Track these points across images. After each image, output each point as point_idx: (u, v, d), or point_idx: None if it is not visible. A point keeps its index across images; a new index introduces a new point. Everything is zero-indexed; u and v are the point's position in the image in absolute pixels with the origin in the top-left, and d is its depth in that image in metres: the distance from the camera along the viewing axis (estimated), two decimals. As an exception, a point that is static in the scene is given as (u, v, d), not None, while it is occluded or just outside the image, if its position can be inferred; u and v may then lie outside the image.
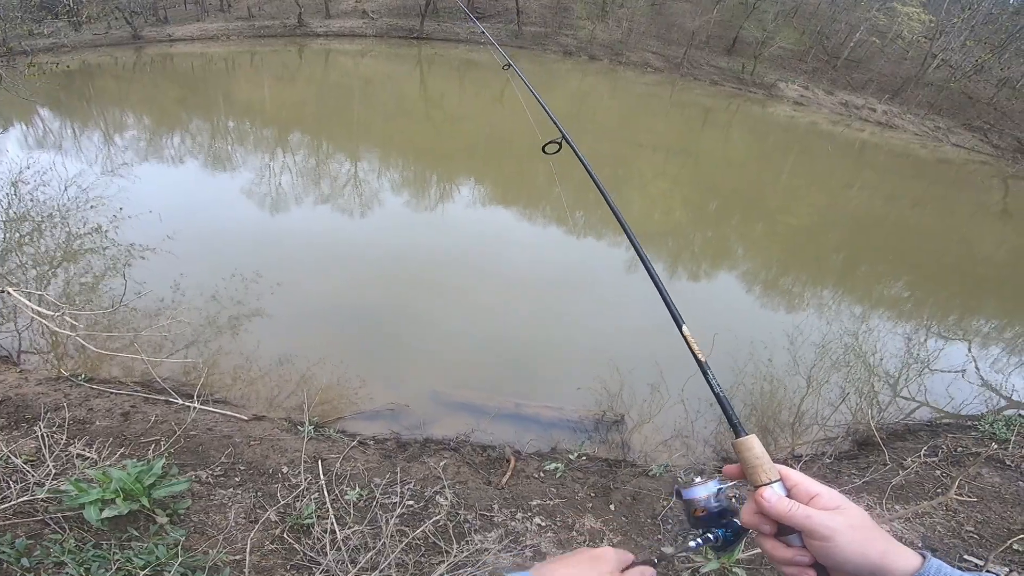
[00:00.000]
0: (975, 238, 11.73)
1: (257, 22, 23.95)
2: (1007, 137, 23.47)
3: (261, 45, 21.72)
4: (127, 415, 3.17)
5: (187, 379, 3.85)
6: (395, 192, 8.69)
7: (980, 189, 17.16)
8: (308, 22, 24.21)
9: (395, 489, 2.86)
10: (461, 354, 4.78)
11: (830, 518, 0.56)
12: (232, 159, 9.62)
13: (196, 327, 4.38)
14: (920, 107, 24.85)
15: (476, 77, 20.71)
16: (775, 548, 0.59)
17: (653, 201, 10.65)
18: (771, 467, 0.62)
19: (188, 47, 20.84)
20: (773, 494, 0.59)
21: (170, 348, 4.14)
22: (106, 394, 3.41)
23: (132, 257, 5.26)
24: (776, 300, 7.53)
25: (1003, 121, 24.46)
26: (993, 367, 6.08)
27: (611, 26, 26.61)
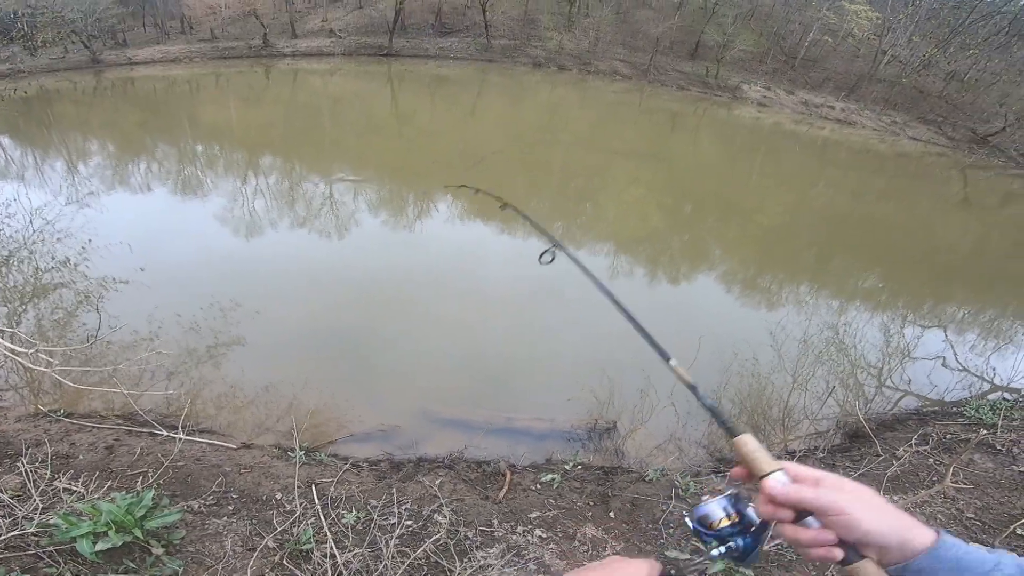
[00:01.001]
0: (940, 228, 12.20)
1: (221, 43, 23.66)
2: (960, 129, 24.55)
3: (226, 67, 21.45)
4: (111, 448, 3.13)
5: (170, 410, 3.78)
6: (372, 212, 8.62)
7: (940, 180, 17.89)
8: (274, 42, 24.02)
9: (392, 510, 2.84)
10: (448, 372, 4.75)
11: (837, 493, 0.58)
12: (202, 184, 9.42)
13: (176, 358, 4.29)
14: (875, 103, 25.86)
15: (447, 93, 20.80)
16: (796, 532, 0.60)
17: (629, 208, 10.79)
18: (769, 459, 0.64)
19: (149, 70, 20.45)
20: (777, 481, 0.61)
21: (151, 380, 4.06)
22: (87, 428, 3.35)
23: (104, 290, 5.10)
24: (756, 299, 7.68)
25: (955, 113, 25.60)
26: (972, 351, 6.29)
27: (578, 36, 27.11)
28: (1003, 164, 21.56)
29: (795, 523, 0.60)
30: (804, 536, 0.59)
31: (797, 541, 0.60)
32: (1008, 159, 22.12)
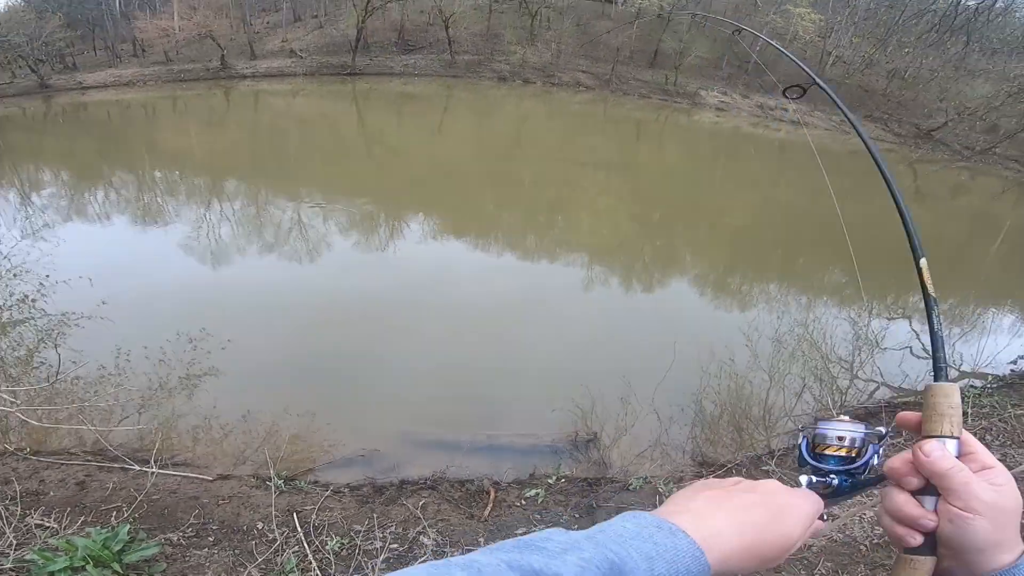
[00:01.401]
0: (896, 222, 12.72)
1: (176, 66, 23.12)
2: (905, 125, 25.83)
3: (183, 89, 20.97)
4: (82, 484, 3.09)
5: (142, 444, 3.69)
6: (343, 234, 8.50)
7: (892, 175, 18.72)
8: (232, 64, 23.60)
9: (376, 534, 2.82)
10: (426, 392, 4.70)
11: (988, 492, 0.50)
12: (163, 212, 9.14)
13: (145, 392, 4.17)
14: (825, 104, 26.94)
15: (414, 110, 20.81)
16: (907, 503, 0.52)
17: (600, 217, 10.95)
18: (958, 423, 0.54)
19: (102, 95, 19.84)
20: (942, 447, 0.52)
21: (121, 414, 3.95)
22: (56, 465, 3.29)
23: (66, 326, 4.89)
24: (728, 300, 7.86)
25: (899, 110, 26.93)
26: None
27: (541, 49, 27.54)
28: (948, 157, 22.73)
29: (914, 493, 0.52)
30: (912, 511, 0.51)
31: (900, 512, 0.52)
32: (953, 152, 23.34)
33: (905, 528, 0.52)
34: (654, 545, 0.43)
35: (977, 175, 20.53)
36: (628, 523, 0.46)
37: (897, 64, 27.97)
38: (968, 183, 19.53)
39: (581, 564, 0.39)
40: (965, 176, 20.28)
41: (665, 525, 0.45)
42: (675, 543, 0.44)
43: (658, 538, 0.44)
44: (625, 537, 0.43)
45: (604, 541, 0.43)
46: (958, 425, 0.54)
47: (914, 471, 0.52)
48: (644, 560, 0.42)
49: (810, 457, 0.60)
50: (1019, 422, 4.31)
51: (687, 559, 0.43)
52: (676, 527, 0.45)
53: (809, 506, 0.55)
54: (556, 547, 0.41)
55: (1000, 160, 22.13)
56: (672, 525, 0.46)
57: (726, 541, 0.47)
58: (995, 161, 22.14)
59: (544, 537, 0.42)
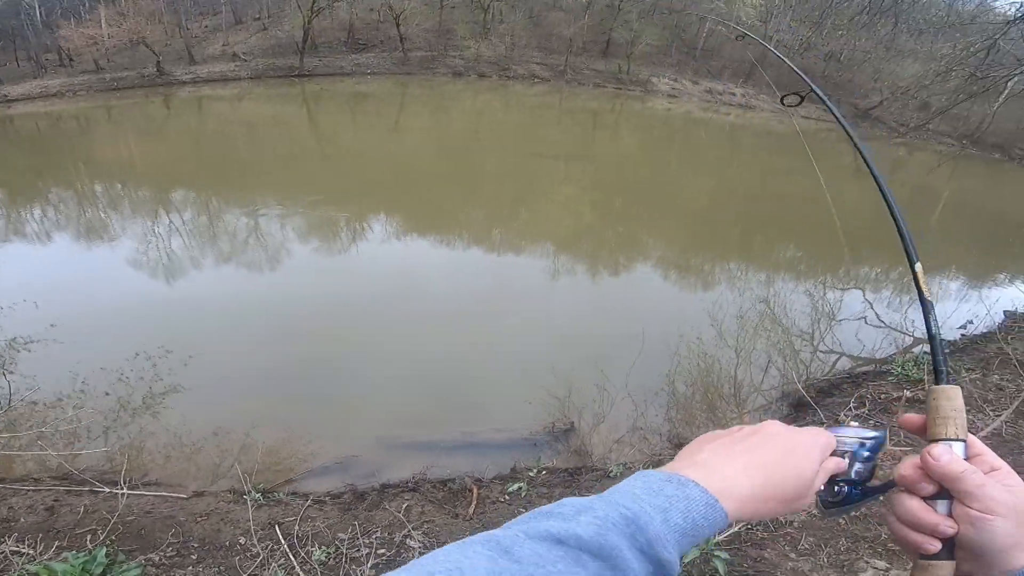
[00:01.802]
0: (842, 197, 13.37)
1: (108, 75, 21.87)
2: (844, 105, 27.05)
3: (117, 99, 19.87)
4: (52, 509, 3.05)
5: (111, 466, 3.58)
6: (302, 239, 8.26)
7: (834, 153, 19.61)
8: (170, 70, 22.51)
9: (362, 541, 2.79)
10: (399, 394, 4.65)
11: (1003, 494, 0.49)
12: (108, 228, 8.66)
13: (109, 413, 4.04)
14: (768, 86, 28.00)
15: (369, 109, 20.39)
16: (922, 510, 0.50)
17: (562, 207, 11.04)
18: (963, 425, 0.53)
19: (29, 107, 18.60)
20: (950, 451, 0.51)
21: (86, 437, 3.84)
22: (22, 492, 3.20)
23: (15, 351, 4.60)
24: (691, 281, 8.07)
25: (837, 91, 28.18)
26: (888, 308, 6.89)
27: (495, 43, 27.44)
28: (886, 135, 23.99)
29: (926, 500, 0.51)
30: (930, 518, 0.50)
31: (917, 520, 0.50)
32: (890, 130, 24.63)
33: (923, 535, 0.50)
34: (666, 498, 0.44)
35: (914, 150, 21.76)
36: (637, 482, 0.46)
37: (833, 46, 29.22)
38: (906, 158, 20.67)
39: (596, 522, 0.41)
40: (903, 152, 21.46)
41: (674, 478, 0.46)
42: (686, 493, 0.44)
43: (668, 491, 0.44)
44: (636, 494, 0.44)
45: (616, 499, 0.43)
46: (963, 427, 0.53)
47: (925, 476, 0.51)
48: (658, 512, 0.43)
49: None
50: (975, 387, 4.48)
51: (701, 507, 0.44)
52: (685, 478, 0.46)
53: (816, 439, 0.54)
54: (570, 511, 0.42)
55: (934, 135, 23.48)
56: (681, 477, 0.46)
57: (738, 486, 0.47)
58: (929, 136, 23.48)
59: (557, 504, 0.44)
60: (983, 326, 6.26)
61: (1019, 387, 4.42)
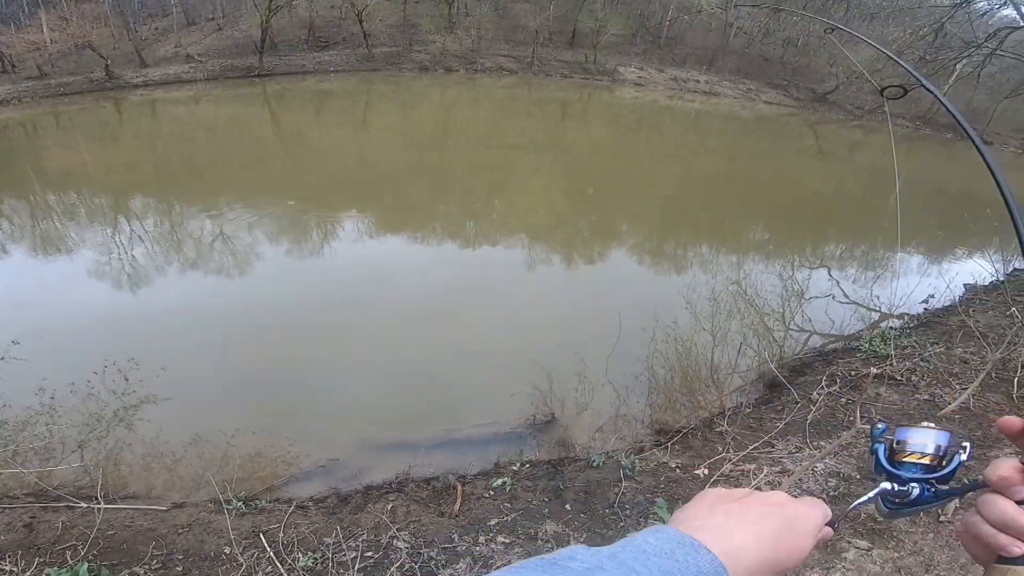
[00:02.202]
0: (805, 178, 13.77)
1: (53, 80, 20.82)
2: (803, 90, 27.78)
3: (65, 104, 18.95)
4: (30, 526, 3.02)
5: (87, 480, 3.50)
6: (271, 242, 8.05)
7: (796, 137, 20.18)
8: (120, 74, 21.55)
9: (349, 544, 2.77)
10: (378, 394, 4.60)
11: None
12: (65, 239, 8.28)
13: (82, 427, 3.92)
14: (731, 73, 28.53)
15: (334, 106, 19.96)
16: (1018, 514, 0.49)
17: (535, 198, 11.05)
18: None
19: (-31, 117, 17.55)
20: None
21: (60, 453, 3.72)
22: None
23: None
24: (665, 265, 8.19)
25: (796, 76, 28.92)
26: (855, 284, 7.11)
27: (460, 36, 27.16)
28: (842, 118, 24.74)
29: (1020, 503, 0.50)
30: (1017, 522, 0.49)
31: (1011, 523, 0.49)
32: (846, 113, 25.41)
33: (1010, 538, 0.49)
34: (675, 562, 0.43)
35: (870, 132, 22.50)
36: (650, 538, 0.45)
37: (790, 33, 29.94)
38: (863, 140, 21.36)
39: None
40: (859, 134, 22.17)
41: (687, 541, 0.45)
42: (697, 560, 0.44)
43: (679, 555, 0.44)
44: (648, 554, 0.43)
45: (626, 560, 0.42)
46: None
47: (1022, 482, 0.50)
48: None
49: (889, 465, 0.58)
50: (940, 360, 4.58)
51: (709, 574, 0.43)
52: (698, 543, 0.45)
53: (817, 514, 0.55)
54: (580, 567, 0.40)
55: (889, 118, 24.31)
56: (694, 541, 0.45)
57: (748, 555, 0.47)
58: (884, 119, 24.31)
59: (568, 555, 0.42)
60: (945, 300, 6.49)
61: (983, 359, 4.48)
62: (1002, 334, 4.92)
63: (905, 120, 24.28)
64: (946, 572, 2.54)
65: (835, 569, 2.59)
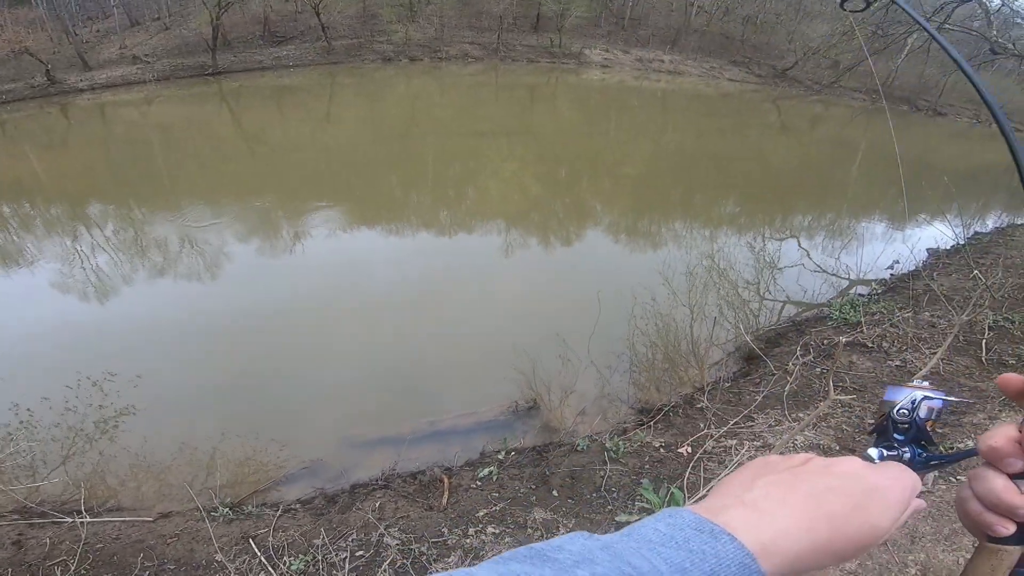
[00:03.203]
0: (770, 153, 14.05)
1: (-9, 88, 19.75)
2: (764, 67, 28.21)
3: (7, 112, 17.99)
4: (18, 543, 2.99)
5: (70, 495, 3.46)
6: (241, 242, 7.83)
7: (759, 113, 20.51)
8: (63, 78, 20.52)
9: (338, 545, 2.77)
10: (358, 391, 4.55)
11: None
12: (22, 252, 7.89)
13: (63, 442, 3.84)
14: (694, 52, 28.78)
15: (296, 102, 19.40)
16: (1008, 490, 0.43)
17: (508, 183, 11.00)
18: None
19: (-99, 130, 16.49)
20: None
21: (42, 468, 3.67)
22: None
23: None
24: (640, 243, 8.28)
25: (757, 53, 29.34)
26: (823, 253, 7.29)
27: (423, 24, 26.64)
28: (803, 93, 25.26)
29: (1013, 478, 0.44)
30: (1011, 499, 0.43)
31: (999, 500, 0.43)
32: (806, 88, 25.95)
33: (998, 516, 0.43)
34: (688, 553, 0.35)
35: (830, 106, 23.04)
36: (660, 524, 0.38)
37: (749, 11, 30.31)
38: (823, 113, 21.87)
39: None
40: (819, 108, 22.68)
41: (706, 526, 0.37)
42: (716, 549, 0.35)
43: (695, 544, 0.35)
44: (653, 543, 0.36)
45: (624, 552, 0.35)
46: None
47: (1020, 452, 0.43)
48: (675, 572, 0.34)
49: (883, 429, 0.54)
50: (909, 325, 4.62)
51: (732, 567, 0.35)
52: (719, 528, 0.36)
53: (905, 485, 0.45)
54: (569, 558, 0.35)
55: (846, 91, 24.94)
56: (714, 526, 0.37)
57: (793, 542, 0.38)
58: (842, 93, 24.94)
59: (558, 546, 0.36)
60: (909, 265, 6.71)
61: (950, 323, 4.43)
62: (967, 296, 4.99)
63: (861, 94, 24.93)
64: (932, 543, 2.56)
65: None
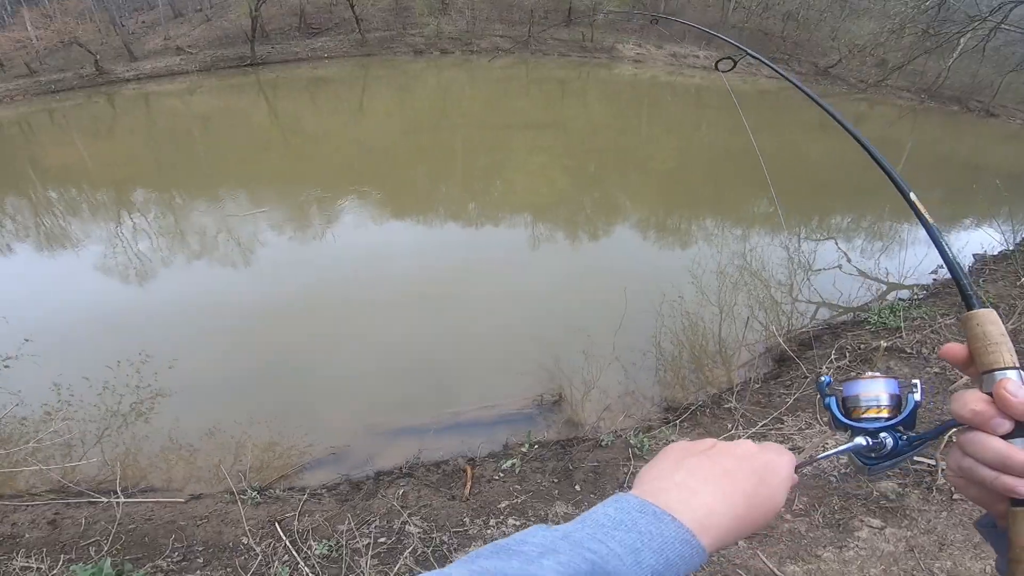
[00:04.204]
0: (808, 150, 13.60)
1: (43, 77, 20.69)
2: (804, 64, 27.28)
3: (57, 101, 18.85)
4: (54, 522, 3.05)
5: (106, 475, 3.56)
6: (275, 231, 8.02)
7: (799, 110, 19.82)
8: (110, 68, 21.37)
9: (362, 531, 2.80)
10: (386, 380, 4.60)
11: None
12: (69, 235, 8.28)
13: (100, 422, 3.98)
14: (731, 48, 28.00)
15: (330, 93, 19.75)
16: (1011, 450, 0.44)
17: (535, 176, 10.95)
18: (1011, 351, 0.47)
19: (-37, 116, 17.48)
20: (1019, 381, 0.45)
21: (80, 448, 3.79)
22: (22, 507, 3.19)
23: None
24: (669, 240, 8.14)
25: (797, 51, 28.39)
26: (863, 256, 7.03)
27: (455, 17, 26.70)
28: (846, 91, 24.34)
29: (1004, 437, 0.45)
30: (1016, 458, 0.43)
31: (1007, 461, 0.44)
32: (849, 86, 24.99)
33: (1016, 478, 0.44)
34: (638, 534, 0.40)
35: (875, 105, 22.14)
36: (610, 509, 0.42)
37: (790, 7, 29.34)
38: (868, 112, 21.03)
39: (558, 570, 0.36)
40: (864, 107, 21.81)
41: (649, 508, 0.42)
42: (661, 529, 0.40)
43: (642, 525, 0.40)
44: (607, 527, 0.40)
45: (582, 539, 0.39)
46: (1011, 352, 0.47)
47: (1000, 412, 0.44)
48: (629, 553, 0.39)
49: (848, 420, 0.55)
50: (951, 332, 4.45)
51: (676, 544, 0.40)
52: (660, 510, 0.42)
53: (786, 461, 0.51)
54: (533, 550, 0.38)
55: (893, 91, 23.91)
56: (656, 508, 0.42)
57: (720, 517, 0.43)
58: (889, 92, 23.91)
59: (521, 540, 0.39)
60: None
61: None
62: (1012, 304, 4.84)
63: (910, 93, 23.88)
64: (960, 551, 2.50)
65: (848, 548, 2.57)
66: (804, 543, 2.63)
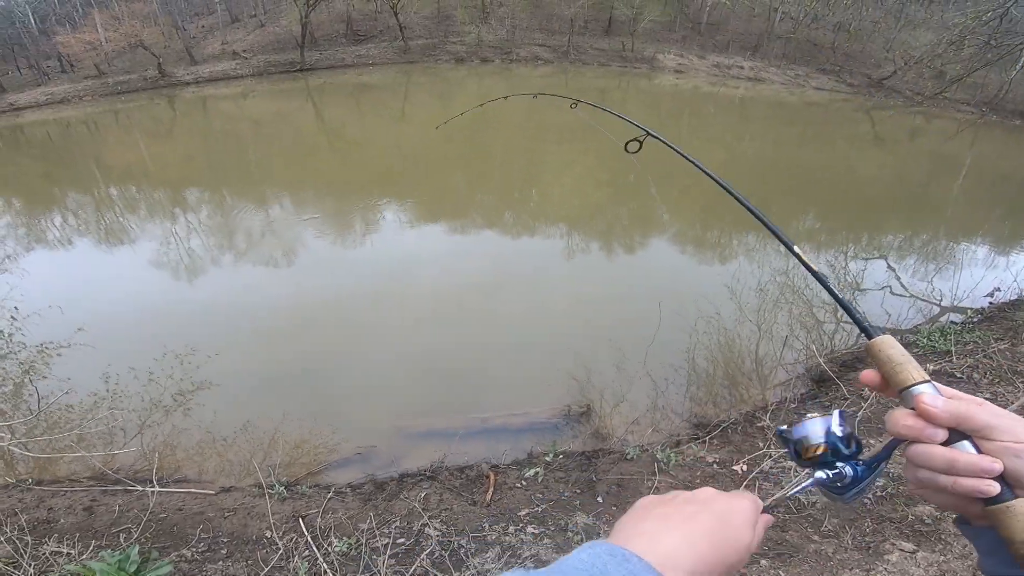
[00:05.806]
0: (859, 165, 13.08)
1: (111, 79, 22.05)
2: (857, 75, 26.33)
3: (122, 102, 20.06)
4: (89, 509, 3.11)
5: (143, 465, 3.67)
6: (317, 233, 8.29)
7: (850, 123, 19.15)
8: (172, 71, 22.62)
9: (382, 531, 2.83)
10: (417, 383, 4.65)
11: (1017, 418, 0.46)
12: (127, 230, 8.78)
13: (142, 412, 4.12)
14: (778, 59, 27.34)
15: (374, 99, 20.30)
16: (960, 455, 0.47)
17: (571, 188, 10.93)
18: (918, 367, 0.51)
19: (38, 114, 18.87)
20: (934, 393, 0.49)
21: (122, 437, 3.91)
22: (61, 493, 3.29)
23: (47, 356, 4.72)
24: (708, 254, 7.96)
25: (849, 62, 27.43)
26: (914, 276, 6.70)
27: (495, 26, 27.10)
28: (902, 104, 23.34)
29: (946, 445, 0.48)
30: (976, 460, 0.46)
31: (959, 465, 0.47)
32: (905, 99, 23.97)
33: (969, 481, 0.47)
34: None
35: (932, 118, 21.14)
36: (583, 554, 0.45)
37: (841, 17, 28.43)
38: (924, 126, 20.09)
39: None
40: (920, 120, 20.86)
41: (617, 552, 0.45)
42: (630, 569, 0.43)
43: (611, 567, 0.43)
44: (579, 570, 0.43)
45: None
46: (919, 369, 0.52)
47: (930, 423, 0.48)
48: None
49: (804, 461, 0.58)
50: (1004, 357, 4.27)
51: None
52: (629, 552, 0.45)
53: (746, 504, 0.54)
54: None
55: (951, 104, 22.80)
56: (624, 551, 0.45)
57: (684, 557, 0.47)
58: (947, 105, 22.81)
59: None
60: (1011, 293, 6.07)
61: None
62: None
63: (969, 106, 22.72)
64: None
65: (877, 572, 2.48)
66: (830, 565, 2.54)
